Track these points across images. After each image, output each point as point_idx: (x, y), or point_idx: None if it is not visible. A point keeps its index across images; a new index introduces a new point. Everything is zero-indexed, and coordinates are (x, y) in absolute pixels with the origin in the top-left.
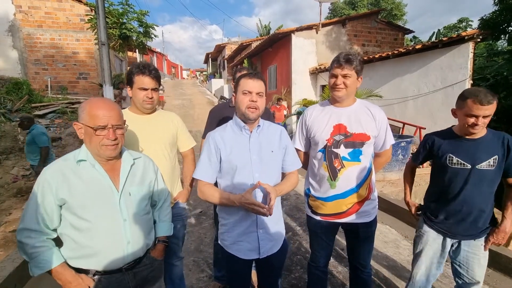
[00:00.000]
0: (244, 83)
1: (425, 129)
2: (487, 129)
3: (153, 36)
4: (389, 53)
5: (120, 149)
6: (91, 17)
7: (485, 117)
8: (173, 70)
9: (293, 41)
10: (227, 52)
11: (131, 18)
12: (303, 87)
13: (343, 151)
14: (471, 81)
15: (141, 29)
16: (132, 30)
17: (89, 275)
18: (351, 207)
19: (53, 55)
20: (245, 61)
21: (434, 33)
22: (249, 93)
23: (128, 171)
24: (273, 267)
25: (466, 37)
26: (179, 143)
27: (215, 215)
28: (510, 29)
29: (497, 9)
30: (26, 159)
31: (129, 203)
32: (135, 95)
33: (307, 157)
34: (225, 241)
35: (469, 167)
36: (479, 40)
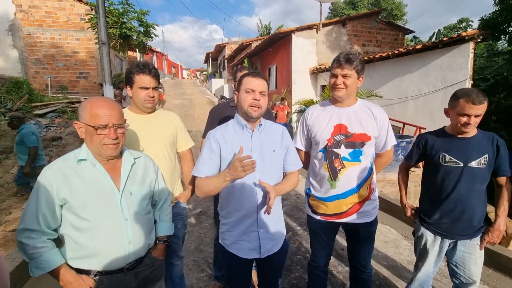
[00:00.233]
0: (247, 81)
1: (425, 129)
2: (477, 129)
3: (153, 35)
4: (389, 53)
5: (121, 148)
6: (91, 17)
7: (477, 116)
8: (173, 69)
9: (293, 41)
10: (227, 52)
11: (132, 17)
12: (303, 87)
13: (344, 151)
14: (471, 81)
15: (141, 29)
16: (132, 29)
17: (90, 276)
18: (352, 207)
19: (53, 55)
20: (245, 61)
21: (434, 33)
22: (252, 91)
23: (129, 171)
24: (274, 267)
25: (466, 37)
26: (178, 143)
27: (215, 214)
28: (510, 29)
29: (497, 9)
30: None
31: (130, 203)
32: (136, 94)
33: (308, 156)
34: (226, 240)
35: (462, 165)
36: (479, 40)
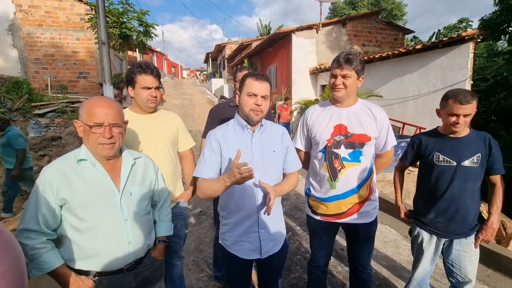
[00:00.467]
0: (250, 84)
1: (425, 129)
2: (470, 129)
3: (153, 35)
4: (389, 53)
5: (117, 148)
6: (91, 16)
7: (466, 116)
8: (173, 69)
9: (293, 41)
10: (227, 51)
11: (131, 17)
12: (303, 87)
13: (343, 152)
14: (471, 81)
15: (141, 29)
16: (132, 29)
17: (90, 276)
18: (351, 207)
19: (53, 54)
20: (245, 61)
21: (434, 33)
22: (254, 95)
23: (129, 171)
24: (274, 267)
25: (466, 37)
26: (179, 143)
27: (215, 214)
28: (510, 29)
29: (497, 9)
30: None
31: (130, 203)
32: (138, 94)
33: (308, 157)
34: (226, 241)
35: (455, 164)
36: (479, 40)
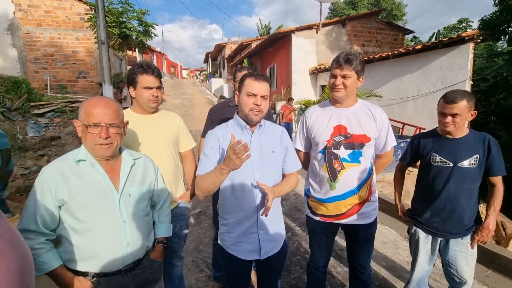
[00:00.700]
0: (249, 84)
1: (424, 129)
2: (469, 129)
3: (152, 35)
4: (389, 53)
5: (115, 149)
6: (90, 16)
7: (454, 115)
8: (173, 69)
9: (293, 41)
10: (227, 51)
11: (131, 17)
12: (303, 87)
13: (343, 152)
14: (471, 82)
15: (141, 28)
16: (131, 29)
17: (88, 278)
18: (351, 208)
19: (53, 54)
20: (245, 61)
21: (434, 33)
22: (254, 95)
23: (128, 172)
24: (273, 268)
25: (466, 38)
26: (180, 143)
27: (214, 215)
28: (510, 30)
29: (497, 10)
30: (24, 159)
31: (129, 204)
32: (140, 94)
33: (308, 157)
34: (226, 241)
35: (451, 165)
36: (479, 40)
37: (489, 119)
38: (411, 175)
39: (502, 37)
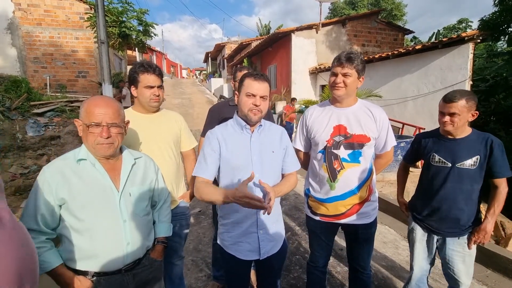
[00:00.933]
0: (248, 84)
1: (424, 129)
2: (472, 130)
3: (152, 34)
4: (389, 53)
5: (115, 148)
6: (90, 15)
7: (452, 115)
8: (173, 69)
9: (293, 41)
10: (227, 51)
11: (131, 16)
12: (303, 87)
13: (343, 152)
14: (471, 82)
15: (141, 28)
16: (131, 28)
17: (88, 277)
18: (350, 208)
19: (52, 53)
20: (245, 61)
21: (434, 33)
22: (253, 96)
23: (129, 171)
24: (273, 268)
25: (466, 38)
26: (181, 143)
27: (214, 214)
28: (509, 30)
29: (497, 10)
30: (23, 158)
31: (129, 204)
32: (141, 94)
33: (307, 157)
34: (225, 241)
35: (450, 165)
36: (478, 41)
37: (489, 119)
38: (411, 175)
39: (501, 37)
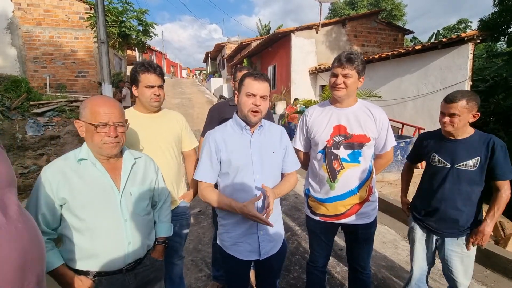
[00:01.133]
0: (248, 84)
1: (424, 129)
2: (475, 130)
3: (152, 34)
4: (389, 54)
5: (121, 147)
6: (90, 15)
7: (452, 115)
8: (172, 69)
9: (293, 41)
10: (227, 51)
11: (131, 16)
12: (303, 87)
13: (343, 153)
14: (471, 82)
15: (141, 28)
16: (131, 28)
17: (89, 277)
18: (350, 208)
19: (52, 53)
20: (245, 61)
21: (433, 34)
22: (253, 96)
23: (129, 171)
24: (272, 268)
25: (465, 38)
26: (183, 143)
27: (213, 214)
28: (509, 30)
29: (496, 10)
30: (23, 158)
31: (130, 203)
32: (142, 93)
33: (307, 157)
34: (225, 241)
35: (449, 166)
36: (478, 41)
37: (489, 120)
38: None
39: (501, 37)
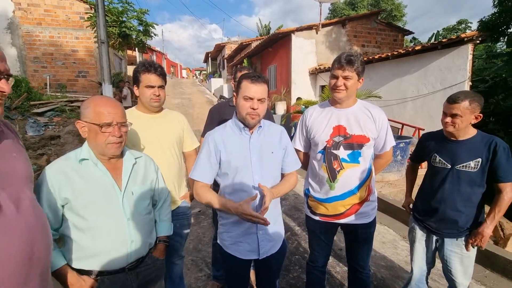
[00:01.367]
0: (245, 87)
1: (423, 130)
2: (478, 131)
3: (152, 34)
4: (389, 54)
5: (123, 147)
6: (90, 15)
7: (454, 116)
8: (172, 69)
9: (293, 41)
10: (227, 51)
11: (131, 16)
12: (303, 87)
13: (342, 153)
14: (470, 83)
15: (141, 28)
16: (131, 28)
17: (92, 276)
18: (350, 208)
19: (52, 53)
20: (245, 61)
21: (433, 34)
22: (250, 99)
23: (130, 170)
24: (272, 268)
25: (465, 39)
26: (184, 143)
27: (213, 214)
28: (509, 31)
29: (496, 11)
30: None
31: (132, 203)
32: (142, 93)
33: (307, 157)
34: (225, 241)
35: (449, 166)
36: (478, 42)
37: (488, 120)
38: None
39: (501, 38)
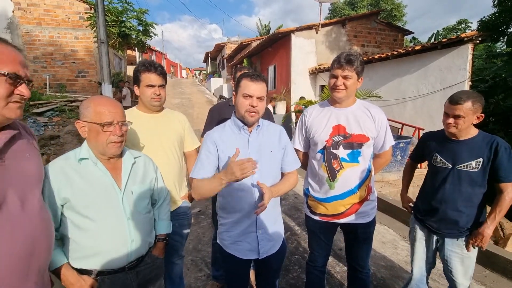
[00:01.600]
0: (245, 85)
1: (423, 130)
2: (479, 131)
3: (152, 34)
4: (389, 54)
5: (123, 146)
6: (90, 15)
7: (456, 117)
8: (172, 69)
9: (293, 41)
10: (227, 51)
11: (131, 16)
12: (303, 87)
13: (342, 152)
14: (470, 83)
15: (141, 28)
16: (131, 28)
17: (92, 276)
18: (350, 207)
19: (52, 53)
20: (245, 61)
21: (433, 34)
22: (250, 97)
23: (130, 170)
24: (271, 268)
25: (465, 39)
26: (185, 143)
27: (213, 214)
28: (509, 31)
29: (496, 11)
30: None
31: (132, 202)
32: (142, 93)
33: (307, 157)
34: (224, 240)
35: (450, 166)
36: (478, 41)
37: (488, 120)
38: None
39: (501, 38)
